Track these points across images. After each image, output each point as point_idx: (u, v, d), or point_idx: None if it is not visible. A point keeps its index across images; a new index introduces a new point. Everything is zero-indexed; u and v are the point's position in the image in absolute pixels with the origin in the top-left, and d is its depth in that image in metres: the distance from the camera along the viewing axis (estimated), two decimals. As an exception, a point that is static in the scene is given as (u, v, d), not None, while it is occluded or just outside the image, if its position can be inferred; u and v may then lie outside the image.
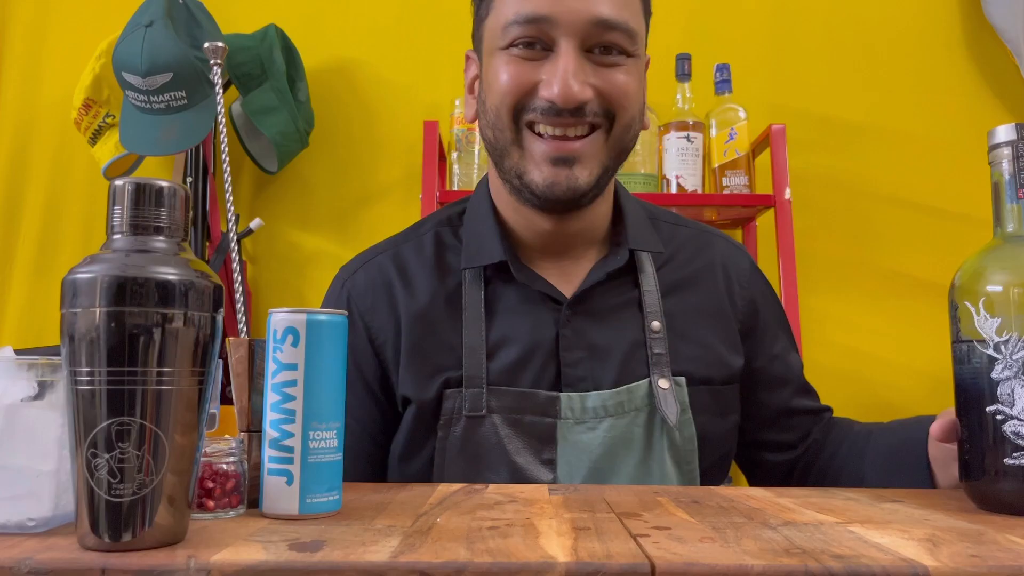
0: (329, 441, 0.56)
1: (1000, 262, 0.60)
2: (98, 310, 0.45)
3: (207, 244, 1.75)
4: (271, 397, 0.56)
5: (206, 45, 0.88)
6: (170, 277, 0.46)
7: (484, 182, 0.94)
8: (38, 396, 0.51)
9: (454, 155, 1.69)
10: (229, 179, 0.82)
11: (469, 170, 1.67)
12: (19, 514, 0.49)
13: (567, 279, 0.88)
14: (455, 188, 1.66)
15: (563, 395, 0.82)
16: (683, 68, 1.69)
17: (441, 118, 1.72)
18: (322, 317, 0.56)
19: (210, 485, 0.55)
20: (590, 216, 0.88)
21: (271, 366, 0.56)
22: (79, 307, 0.46)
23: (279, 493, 0.55)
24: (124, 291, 0.45)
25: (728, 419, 0.90)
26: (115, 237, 0.48)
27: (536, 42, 0.80)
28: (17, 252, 1.89)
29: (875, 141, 1.87)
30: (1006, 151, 0.61)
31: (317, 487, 0.55)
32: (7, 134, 1.92)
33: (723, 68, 1.70)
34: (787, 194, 1.62)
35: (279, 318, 0.56)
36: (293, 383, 0.55)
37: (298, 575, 0.42)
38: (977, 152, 1.88)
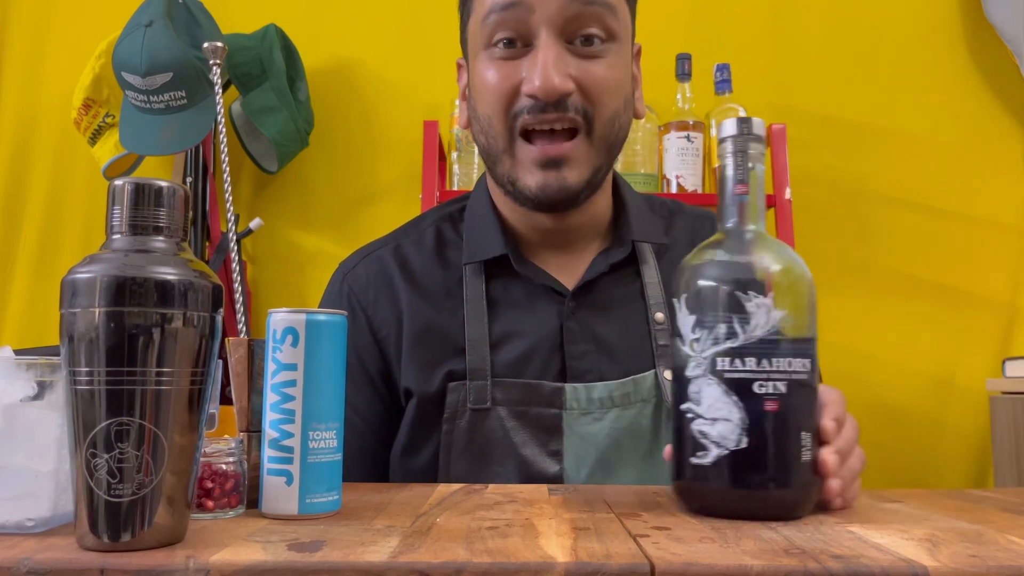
0: (328, 441, 0.56)
1: (701, 258, 0.59)
2: (97, 310, 0.45)
3: (207, 244, 1.75)
4: (271, 397, 0.56)
5: (206, 45, 0.88)
6: (169, 277, 0.46)
7: (483, 179, 0.94)
8: (37, 396, 0.51)
9: (454, 155, 1.69)
10: (229, 179, 0.82)
11: (469, 170, 1.67)
12: (18, 514, 0.49)
13: (569, 272, 0.88)
14: (455, 188, 1.66)
15: (568, 386, 0.82)
16: (683, 68, 1.69)
17: (441, 118, 1.72)
18: (321, 317, 0.56)
19: (209, 485, 0.55)
20: (590, 210, 0.88)
21: (271, 366, 0.56)
22: (78, 307, 0.46)
23: (278, 493, 0.55)
24: (123, 291, 0.45)
25: None
26: (114, 237, 0.48)
27: (516, 39, 0.80)
28: (17, 252, 1.89)
29: (875, 141, 1.87)
30: (729, 146, 0.60)
31: (316, 487, 0.55)
32: (7, 134, 1.92)
33: (723, 68, 1.70)
34: (787, 194, 1.62)
35: (278, 318, 0.56)
36: (293, 383, 0.55)
37: (298, 575, 0.42)
38: (977, 152, 1.89)
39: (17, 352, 0.56)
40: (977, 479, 1.76)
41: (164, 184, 0.49)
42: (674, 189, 1.63)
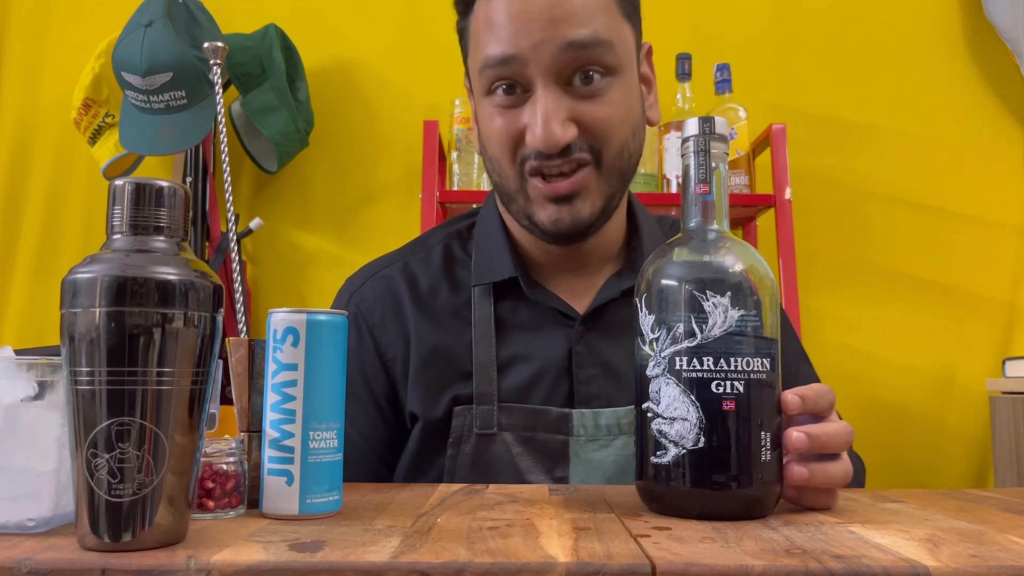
0: (329, 441, 0.56)
1: (662, 257, 0.59)
2: (98, 310, 0.45)
3: (207, 244, 1.75)
4: (271, 397, 0.56)
5: (206, 45, 0.88)
6: (170, 277, 0.46)
7: (493, 196, 0.92)
8: (38, 396, 0.51)
9: (454, 155, 1.69)
10: (229, 179, 0.82)
11: (469, 170, 1.67)
12: (19, 514, 0.49)
13: (579, 295, 0.87)
14: (455, 188, 1.66)
15: (575, 412, 0.81)
16: (683, 68, 1.69)
17: (441, 118, 1.72)
18: (322, 317, 0.56)
19: (210, 485, 0.55)
20: (603, 235, 0.87)
21: (271, 366, 0.56)
22: (79, 307, 0.45)
23: (279, 493, 0.55)
24: (124, 291, 0.45)
25: None
26: (115, 237, 0.48)
27: (515, 85, 0.79)
28: (17, 252, 1.89)
29: (875, 141, 1.87)
30: (691, 145, 0.60)
31: (317, 487, 0.55)
32: (7, 134, 1.92)
33: (723, 68, 1.70)
34: (787, 194, 1.62)
35: (279, 318, 0.56)
36: (293, 383, 0.55)
37: (298, 575, 0.42)
38: (977, 152, 1.89)
39: (17, 352, 0.56)
40: (977, 479, 1.77)
41: (164, 184, 0.49)
42: (674, 189, 1.63)
